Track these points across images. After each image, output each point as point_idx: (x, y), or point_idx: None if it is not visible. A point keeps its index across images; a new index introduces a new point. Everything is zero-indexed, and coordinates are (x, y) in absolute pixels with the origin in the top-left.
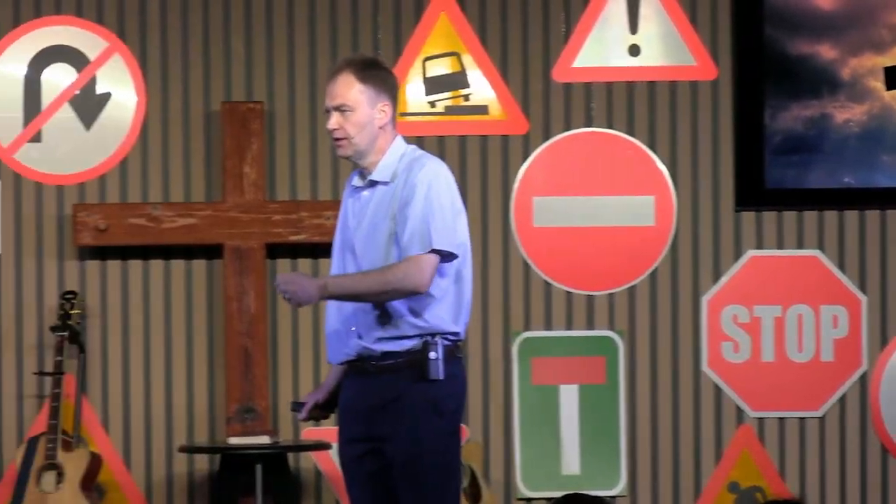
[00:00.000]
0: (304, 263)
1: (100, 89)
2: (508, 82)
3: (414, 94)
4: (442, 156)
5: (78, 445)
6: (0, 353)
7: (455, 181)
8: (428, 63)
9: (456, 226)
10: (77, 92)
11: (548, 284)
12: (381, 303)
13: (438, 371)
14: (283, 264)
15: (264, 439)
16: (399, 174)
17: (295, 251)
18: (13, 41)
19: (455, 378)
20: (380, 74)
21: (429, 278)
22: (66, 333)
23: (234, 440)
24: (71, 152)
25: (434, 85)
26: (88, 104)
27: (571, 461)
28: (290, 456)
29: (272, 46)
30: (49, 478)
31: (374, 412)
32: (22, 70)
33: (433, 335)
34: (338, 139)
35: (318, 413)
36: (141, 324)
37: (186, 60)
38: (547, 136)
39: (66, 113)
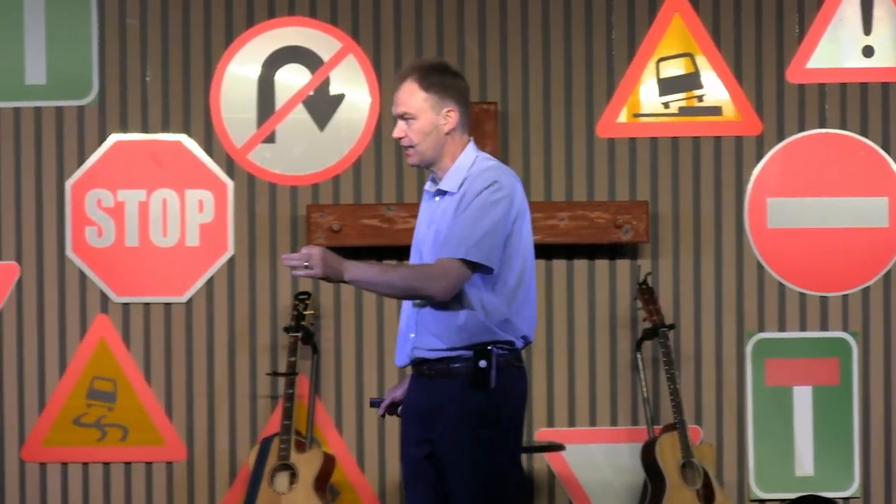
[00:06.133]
0: (538, 265)
1: (333, 90)
2: (742, 83)
3: (648, 96)
4: (675, 157)
5: (311, 446)
6: (234, 354)
7: (521, 193)
8: (662, 64)
9: (496, 240)
10: (311, 93)
11: (781, 286)
12: (408, 299)
13: (489, 380)
14: None
15: None
16: (465, 184)
17: None
18: (247, 42)
19: (508, 388)
20: (443, 80)
21: (452, 286)
22: (299, 334)
23: None
24: (305, 153)
25: (668, 86)
26: (322, 105)
27: (805, 463)
28: (524, 457)
29: (506, 47)
30: (282, 478)
31: (427, 415)
32: (256, 71)
33: (486, 344)
34: (404, 148)
35: (396, 410)
36: (375, 324)
37: None
38: (781, 138)
39: (300, 114)
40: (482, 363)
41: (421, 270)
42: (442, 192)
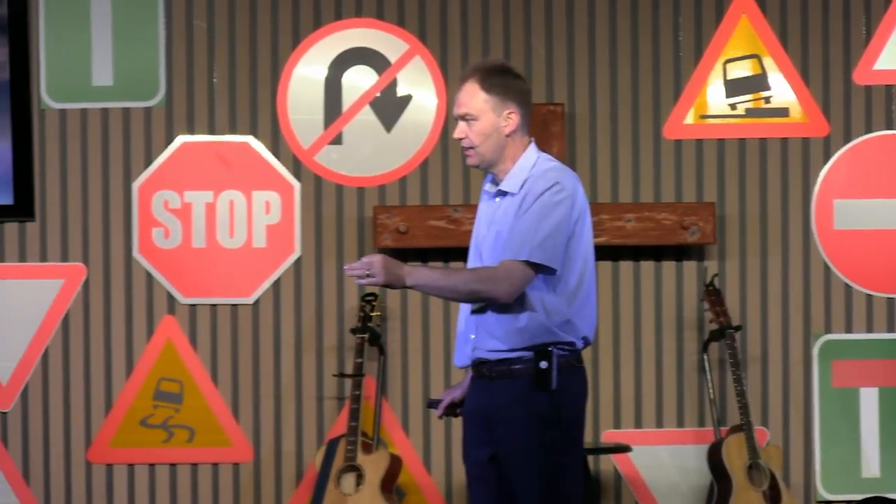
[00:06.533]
0: (604, 266)
1: (400, 91)
2: (809, 85)
3: (715, 97)
4: (742, 158)
5: (378, 447)
6: (300, 355)
7: (582, 194)
8: (729, 65)
9: (559, 241)
10: (378, 94)
11: (848, 287)
12: (472, 303)
13: (550, 381)
14: None
15: None
16: (527, 185)
17: (595, 253)
18: (314, 44)
19: (569, 389)
20: (505, 81)
21: (516, 288)
22: (366, 335)
23: None
24: (371, 154)
25: (735, 87)
26: (389, 106)
27: (871, 464)
28: (591, 458)
29: (573, 48)
30: (349, 479)
31: (489, 417)
32: (323, 72)
33: (547, 345)
34: (465, 149)
35: (454, 411)
36: (441, 325)
37: None
38: (847, 139)
39: (367, 115)
40: (543, 364)
41: (484, 273)
42: (502, 193)
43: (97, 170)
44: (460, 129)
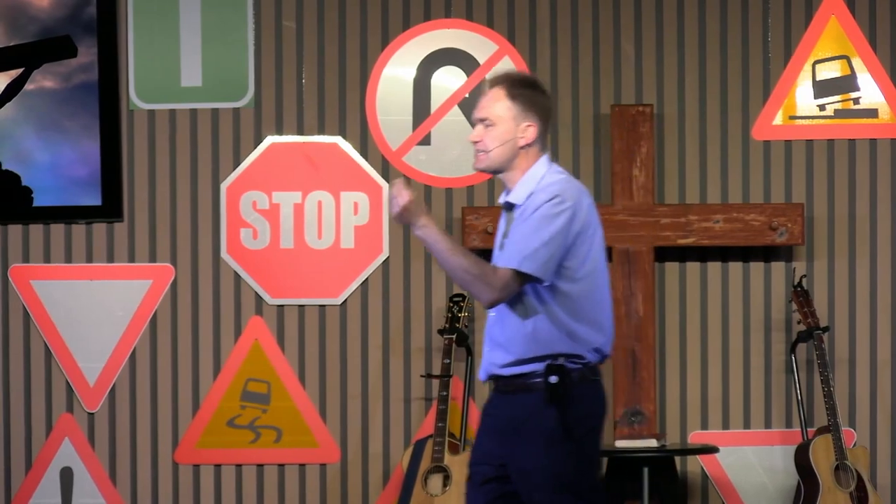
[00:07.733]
0: (693, 267)
1: None
2: None
3: (803, 98)
4: (831, 159)
5: (465, 448)
6: (388, 356)
7: (588, 207)
8: (818, 66)
9: (553, 252)
10: (467, 95)
11: None
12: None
13: (561, 395)
14: (671, 267)
15: (651, 443)
16: (532, 197)
17: (683, 254)
18: (403, 44)
19: (583, 401)
20: (531, 94)
21: (498, 295)
22: (454, 336)
23: (620, 443)
24: (460, 155)
25: (824, 88)
26: None
27: None
28: (678, 459)
29: (662, 49)
30: (436, 480)
31: (503, 431)
32: (411, 73)
33: (555, 357)
34: (477, 152)
35: None
36: None
37: (576, 63)
38: None
39: (456, 116)
40: (552, 379)
41: (483, 272)
42: (510, 206)
43: (185, 170)
44: (477, 132)
